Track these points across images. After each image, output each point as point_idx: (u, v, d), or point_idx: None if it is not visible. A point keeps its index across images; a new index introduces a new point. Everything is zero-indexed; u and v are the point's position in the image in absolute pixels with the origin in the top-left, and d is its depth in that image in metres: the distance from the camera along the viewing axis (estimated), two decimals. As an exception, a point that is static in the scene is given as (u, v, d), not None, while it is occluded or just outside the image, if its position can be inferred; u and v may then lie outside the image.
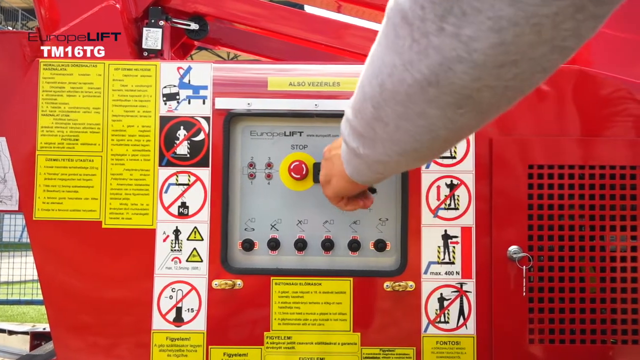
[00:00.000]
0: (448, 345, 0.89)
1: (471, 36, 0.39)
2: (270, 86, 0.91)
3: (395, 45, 0.45)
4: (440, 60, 0.41)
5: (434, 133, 0.49)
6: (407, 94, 0.46)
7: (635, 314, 0.88)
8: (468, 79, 0.42)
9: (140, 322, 0.90)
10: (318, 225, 0.91)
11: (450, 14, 0.39)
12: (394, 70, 0.46)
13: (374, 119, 0.52)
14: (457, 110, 0.46)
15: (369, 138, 0.56)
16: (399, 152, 0.54)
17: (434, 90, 0.44)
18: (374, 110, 0.52)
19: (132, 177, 0.91)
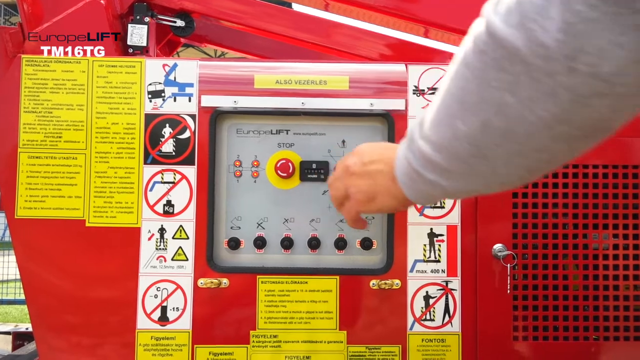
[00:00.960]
0: (433, 343, 0.90)
1: (613, 73, 0.37)
2: (257, 84, 0.91)
3: (501, 83, 0.42)
4: (574, 98, 0.39)
5: (553, 162, 0.47)
6: (527, 133, 0.43)
7: (616, 311, 0.89)
8: (607, 112, 0.40)
9: (124, 322, 0.89)
10: (304, 224, 0.91)
11: (583, 52, 0.37)
12: (504, 109, 0.43)
13: (472, 156, 0.49)
14: (585, 140, 0.43)
15: (459, 173, 0.53)
16: (503, 183, 0.52)
17: (563, 127, 0.41)
18: (471, 147, 0.48)
19: (116, 175, 0.90)
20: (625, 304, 0.89)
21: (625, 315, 0.89)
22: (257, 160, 0.92)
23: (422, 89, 0.91)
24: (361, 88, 0.91)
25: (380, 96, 0.91)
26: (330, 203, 0.91)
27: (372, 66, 0.94)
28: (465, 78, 0.47)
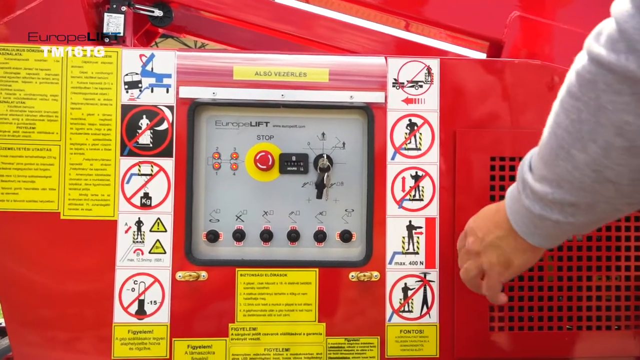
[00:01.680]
0: (412, 334, 0.90)
1: None
2: (236, 75, 0.90)
3: (616, 105, 0.46)
4: None
5: None
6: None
7: (589, 302, 0.91)
8: None
9: (101, 316, 0.88)
10: (284, 216, 0.91)
11: None
12: (625, 127, 0.46)
13: (596, 182, 0.52)
14: None
15: (585, 203, 0.55)
16: (632, 203, 0.54)
17: None
18: (595, 174, 0.51)
19: (92, 167, 0.88)
20: (597, 294, 0.91)
21: (598, 305, 0.91)
22: (236, 153, 0.91)
23: (401, 82, 0.91)
24: (341, 80, 0.91)
25: (360, 89, 0.91)
26: (310, 196, 0.91)
27: (352, 59, 0.94)
28: (576, 109, 0.50)
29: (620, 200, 0.53)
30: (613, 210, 0.56)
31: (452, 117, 0.92)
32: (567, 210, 0.57)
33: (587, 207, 0.56)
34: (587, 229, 0.61)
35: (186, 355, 0.88)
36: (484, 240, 0.74)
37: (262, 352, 0.89)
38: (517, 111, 0.93)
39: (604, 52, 0.46)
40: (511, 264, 0.72)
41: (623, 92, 0.45)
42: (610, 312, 0.92)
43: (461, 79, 0.93)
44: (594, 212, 0.56)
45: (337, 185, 0.91)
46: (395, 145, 0.91)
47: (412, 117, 0.91)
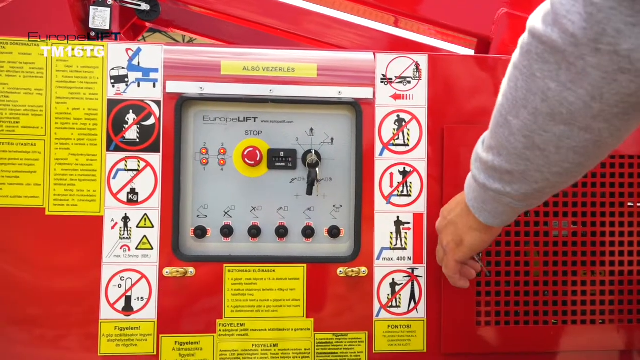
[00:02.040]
0: (399, 329, 0.91)
1: (631, 48, 0.43)
2: (224, 70, 0.89)
3: (544, 72, 0.49)
4: (601, 75, 0.45)
5: (599, 143, 0.52)
6: (569, 113, 0.49)
7: (574, 296, 0.92)
8: (635, 87, 0.45)
9: (87, 313, 0.87)
10: (272, 212, 0.91)
11: (604, 35, 0.43)
12: (549, 94, 0.50)
13: (527, 148, 0.55)
14: (624, 117, 0.49)
15: (519, 171, 0.58)
16: (560, 172, 0.56)
17: (597, 104, 0.47)
18: (525, 140, 0.55)
19: (77, 163, 0.87)
20: (582, 288, 0.93)
21: (583, 300, 0.93)
22: (224, 148, 0.90)
23: (389, 78, 0.92)
24: (330, 76, 0.91)
25: (349, 84, 0.90)
26: (299, 191, 0.91)
27: (341, 54, 0.94)
28: (515, 78, 0.54)
29: (548, 169, 0.56)
30: (544, 180, 0.58)
31: (440, 113, 0.92)
32: (505, 179, 0.61)
33: (521, 176, 0.58)
34: (525, 202, 0.63)
35: (173, 352, 0.88)
36: (445, 218, 0.79)
37: (250, 348, 0.89)
38: (505, 107, 0.94)
39: (537, 24, 0.50)
40: (463, 243, 0.76)
41: (549, 61, 0.49)
42: (595, 307, 0.93)
43: (449, 75, 0.93)
44: (527, 181, 0.59)
45: (326, 180, 0.91)
46: (384, 141, 0.91)
47: (400, 113, 0.91)
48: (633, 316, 0.93)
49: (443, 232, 0.80)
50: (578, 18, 0.45)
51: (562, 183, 0.60)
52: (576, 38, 0.45)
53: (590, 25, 0.44)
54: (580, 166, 0.56)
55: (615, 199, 0.93)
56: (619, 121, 0.49)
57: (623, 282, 0.93)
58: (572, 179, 0.59)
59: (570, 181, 0.60)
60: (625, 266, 0.93)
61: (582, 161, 0.54)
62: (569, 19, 0.45)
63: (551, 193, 0.63)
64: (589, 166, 0.57)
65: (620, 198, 0.93)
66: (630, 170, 0.93)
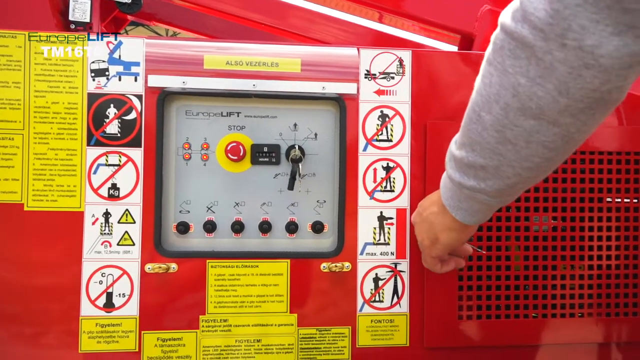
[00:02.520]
0: (382, 324, 0.91)
1: (594, 44, 0.44)
2: (207, 64, 0.89)
3: (515, 68, 0.51)
4: (567, 70, 0.47)
5: (567, 137, 0.53)
6: (538, 107, 0.51)
7: (554, 290, 0.94)
8: (598, 83, 0.46)
9: (67, 309, 0.86)
10: (255, 208, 0.90)
11: (569, 31, 0.45)
12: (519, 89, 0.51)
13: (499, 142, 0.56)
14: (589, 111, 0.50)
15: (492, 166, 0.60)
16: (531, 167, 0.57)
17: (564, 99, 0.49)
18: (497, 134, 0.56)
19: (57, 157, 0.86)
20: (562, 282, 0.94)
21: (562, 294, 0.94)
22: (206, 143, 0.90)
23: (373, 73, 0.92)
24: (313, 71, 0.90)
25: (333, 79, 0.90)
26: (282, 187, 0.91)
27: (325, 49, 0.94)
28: (489, 74, 0.55)
29: (519, 164, 0.57)
30: (516, 175, 0.59)
31: (423, 108, 0.93)
32: (480, 175, 0.62)
33: (494, 171, 0.60)
34: (499, 199, 0.65)
35: (156, 348, 0.87)
36: (421, 215, 0.81)
37: (234, 344, 0.89)
38: (487, 104, 0.94)
39: (507, 21, 0.51)
40: (438, 241, 0.78)
41: (520, 56, 0.50)
42: (574, 300, 0.94)
43: (433, 71, 0.93)
44: (500, 177, 0.60)
45: (309, 176, 0.91)
46: (367, 136, 0.91)
47: (383, 109, 0.92)
48: (611, 309, 0.95)
49: (417, 228, 0.83)
50: (544, 14, 0.46)
51: (533, 178, 0.61)
52: (545, 33, 0.47)
53: (557, 21, 0.45)
54: (549, 161, 0.57)
55: (594, 194, 0.95)
56: (585, 116, 0.50)
57: (601, 276, 0.95)
58: (542, 174, 0.60)
59: (541, 176, 0.61)
60: (603, 260, 0.95)
61: (552, 156, 0.56)
62: (536, 16, 0.47)
63: (523, 188, 0.64)
64: (557, 161, 0.58)
65: (599, 193, 0.95)
66: (609, 166, 0.95)
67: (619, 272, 0.95)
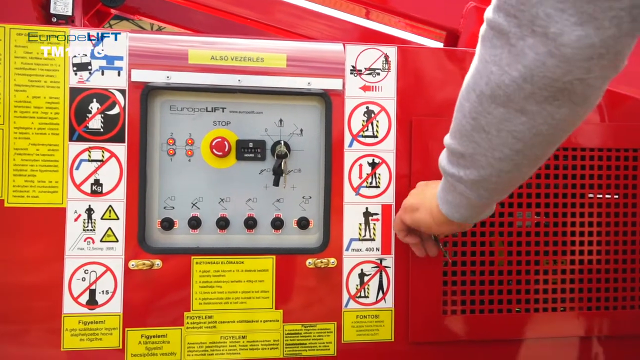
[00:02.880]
0: (367, 319, 0.92)
1: (557, 32, 0.45)
2: (191, 59, 0.88)
3: (491, 57, 0.52)
4: (534, 57, 0.47)
5: (534, 129, 0.53)
6: (506, 94, 0.52)
7: (537, 285, 0.95)
8: (560, 72, 0.47)
9: (50, 307, 0.85)
10: (241, 204, 0.90)
11: (537, 17, 0.46)
12: (491, 77, 0.52)
13: (474, 130, 0.58)
14: (554, 102, 0.50)
15: (469, 155, 0.61)
16: (501, 158, 0.58)
17: (529, 87, 0.49)
18: (473, 122, 0.57)
19: (38, 153, 0.84)
20: (545, 277, 0.95)
21: (545, 289, 0.95)
22: (191, 139, 0.89)
23: (359, 69, 0.92)
24: (299, 67, 0.90)
25: (318, 75, 0.90)
26: (268, 183, 0.90)
27: (310, 45, 0.93)
28: (473, 65, 0.56)
29: (491, 153, 0.58)
30: (488, 166, 0.60)
31: (409, 105, 0.93)
32: (460, 163, 0.63)
33: (471, 159, 0.61)
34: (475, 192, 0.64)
35: (140, 345, 0.86)
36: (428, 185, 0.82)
37: (219, 340, 0.89)
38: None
39: (488, 13, 0.52)
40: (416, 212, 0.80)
41: (496, 45, 0.51)
42: (556, 295, 0.96)
43: (418, 68, 0.94)
44: (475, 166, 0.61)
45: (295, 172, 0.91)
46: (353, 132, 0.91)
47: (369, 105, 0.92)
48: (592, 304, 0.97)
49: (413, 192, 0.83)
50: (515, 1, 0.48)
51: (505, 174, 0.60)
52: (518, 19, 0.48)
53: (527, 7, 0.46)
54: (519, 154, 0.57)
55: (576, 190, 0.96)
56: (551, 107, 0.51)
57: (583, 270, 0.96)
58: (514, 171, 0.60)
59: (514, 173, 0.60)
60: (585, 255, 0.96)
61: (520, 148, 0.56)
62: (509, 3, 0.48)
63: (497, 185, 0.63)
64: (528, 156, 0.57)
65: (582, 190, 0.96)
66: (591, 162, 0.96)
67: (600, 267, 0.97)
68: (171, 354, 0.87)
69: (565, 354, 0.98)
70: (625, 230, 0.98)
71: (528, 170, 0.61)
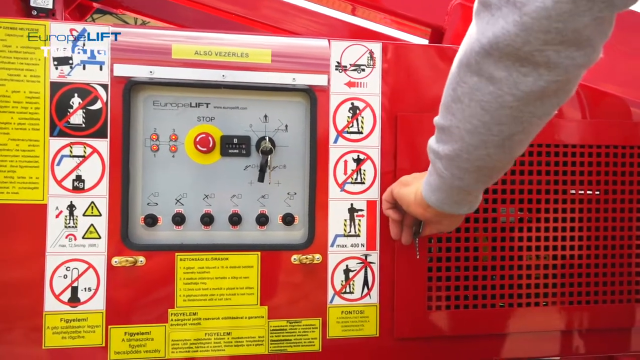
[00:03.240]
0: (353, 315, 0.92)
1: (523, 2, 0.47)
2: (175, 54, 0.87)
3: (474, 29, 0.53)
4: (503, 25, 0.49)
5: (500, 99, 0.54)
6: (477, 62, 0.53)
7: (520, 280, 0.96)
8: (520, 42, 0.48)
9: (31, 305, 0.83)
10: (225, 200, 0.90)
11: None
12: (467, 46, 0.54)
13: (453, 100, 0.59)
14: (520, 68, 0.51)
15: (447, 128, 0.62)
16: (471, 130, 0.58)
17: (496, 53, 0.51)
18: (453, 92, 0.59)
19: (18, 148, 0.83)
20: (528, 272, 0.96)
21: (528, 283, 0.96)
22: (175, 134, 0.88)
23: (344, 65, 0.91)
24: (284, 62, 0.90)
25: (303, 71, 0.90)
26: (253, 179, 0.90)
27: (295, 40, 0.93)
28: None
29: (463, 125, 0.59)
30: (460, 140, 0.60)
31: (393, 101, 0.93)
32: (441, 138, 0.64)
33: (448, 132, 0.62)
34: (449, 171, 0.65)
35: (123, 343, 0.86)
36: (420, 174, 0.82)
37: (203, 337, 0.88)
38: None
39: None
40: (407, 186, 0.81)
41: (479, 16, 0.52)
42: (539, 290, 0.97)
43: (403, 64, 0.94)
44: (450, 140, 0.62)
45: (280, 168, 0.91)
46: (338, 128, 0.91)
47: (354, 101, 0.92)
48: (573, 298, 0.98)
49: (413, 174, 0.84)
50: None
51: (474, 149, 0.60)
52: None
53: None
54: (485, 126, 0.57)
55: (558, 186, 0.97)
56: (516, 73, 0.51)
57: (565, 265, 0.98)
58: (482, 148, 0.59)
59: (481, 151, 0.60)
60: (567, 251, 0.97)
61: (487, 120, 0.56)
62: None
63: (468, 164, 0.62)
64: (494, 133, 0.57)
65: (564, 185, 0.97)
66: (573, 159, 0.97)
67: (581, 262, 0.98)
68: (155, 351, 0.87)
69: (547, 347, 1.00)
70: (606, 225, 0.99)
71: (496, 154, 0.60)
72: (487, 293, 0.95)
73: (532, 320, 0.97)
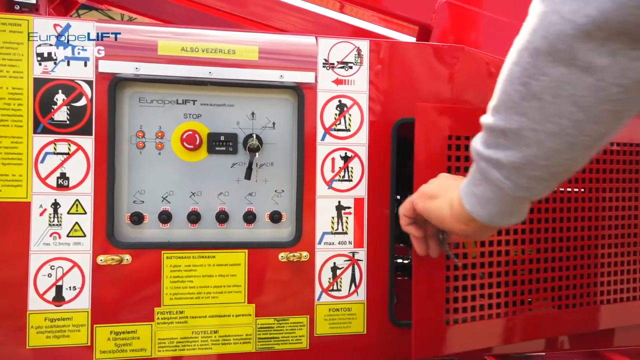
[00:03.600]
0: (340, 312, 0.92)
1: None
2: (161, 50, 0.86)
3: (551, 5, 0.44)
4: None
5: (602, 93, 0.44)
6: (568, 48, 0.43)
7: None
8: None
9: (14, 304, 0.82)
10: (212, 197, 0.89)
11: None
12: (550, 29, 0.44)
13: (524, 98, 0.49)
14: (630, 52, 0.41)
15: (513, 131, 0.51)
16: (555, 133, 0.48)
17: (601, 34, 0.41)
18: (523, 88, 0.48)
19: (1, 145, 0.82)
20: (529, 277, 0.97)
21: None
22: (161, 132, 0.87)
23: (332, 63, 0.91)
24: (271, 59, 0.89)
25: (291, 68, 0.89)
26: (240, 176, 0.89)
27: (283, 37, 0.92)
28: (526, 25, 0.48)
29: (543, 126, 0.49)
30: (537, 143, 0.50)
31: (381, 98, 0.93)
32: (500, 143, 0.54)
33: (515, 136, 0.52)
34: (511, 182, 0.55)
35: (109, 342, 0.85)
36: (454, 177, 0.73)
37: (190, 335, 0.88)
38: (444, 94, 0.96)
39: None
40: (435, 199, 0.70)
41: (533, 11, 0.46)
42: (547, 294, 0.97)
43: (390, 61, 0.94)
44: (519, 144, 0.52)
45: (267, 165, 0.90)
46: (325, 126, 0.91)
47: (342, 98, 0.92)
48: (562, 302, 0.99)
49: (432, 181, 0.75)
50: None
51: (556, 155, 0.50)
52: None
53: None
54: (577, 127, 0.47)
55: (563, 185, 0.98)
56: (625, 59, 0.42)
57: (555, 268, 0.98)
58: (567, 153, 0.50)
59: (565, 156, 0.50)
60: (556, 252, 0.98)
61: (581, 118, 0.46)
62: None
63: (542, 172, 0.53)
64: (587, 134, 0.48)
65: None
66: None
67: (569, 263, 0.99)
68: (141, 350, 0.86)
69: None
70: (590, 225, 1.00)
71: (581, 157, 0.50)
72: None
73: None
